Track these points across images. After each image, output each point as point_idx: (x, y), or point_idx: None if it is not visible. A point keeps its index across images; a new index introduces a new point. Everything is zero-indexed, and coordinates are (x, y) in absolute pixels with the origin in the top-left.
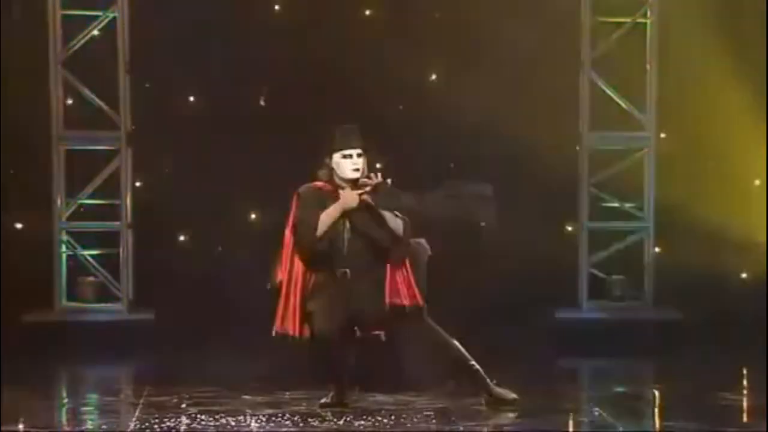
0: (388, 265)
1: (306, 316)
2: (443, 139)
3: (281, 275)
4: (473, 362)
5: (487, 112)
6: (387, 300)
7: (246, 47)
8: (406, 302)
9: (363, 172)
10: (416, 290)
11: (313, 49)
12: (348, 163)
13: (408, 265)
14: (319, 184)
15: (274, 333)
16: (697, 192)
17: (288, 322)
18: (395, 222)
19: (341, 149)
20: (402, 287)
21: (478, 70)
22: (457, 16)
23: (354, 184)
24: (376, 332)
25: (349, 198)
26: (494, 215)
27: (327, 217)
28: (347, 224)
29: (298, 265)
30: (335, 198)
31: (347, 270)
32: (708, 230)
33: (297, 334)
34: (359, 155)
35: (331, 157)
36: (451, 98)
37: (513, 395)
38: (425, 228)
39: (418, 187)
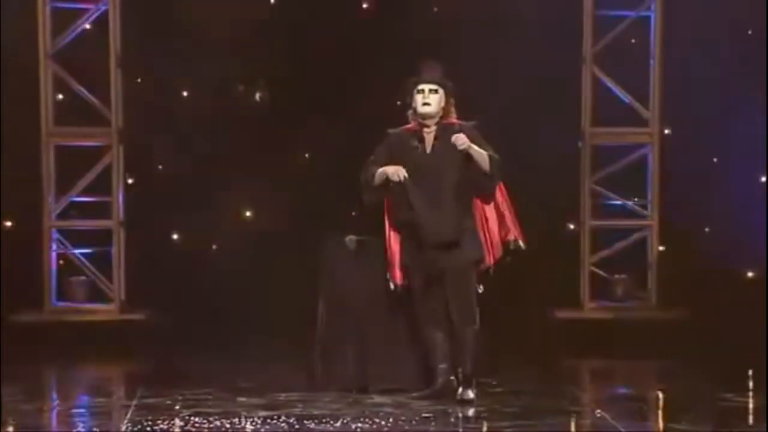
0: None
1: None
2: None
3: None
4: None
5: (488, 107)
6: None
7: (241, 41)
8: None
9: (439, 109)
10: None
11: (311, 42)
12: (419, 98)
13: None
14: (407, 126)
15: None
16: (702, 189)
17: (393, 272)
18: (483, 159)
19: (415, 85)
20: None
21: (479, 65)
22: (457, 11)
23: (431, 120)
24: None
25: (393, 173)
26: None
27: (378, 175)
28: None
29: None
30: (420, 137)
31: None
32: (713, 228)
33: (399, 283)
34: (432, 90)
35: (412, 96)
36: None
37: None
38: None
39: None
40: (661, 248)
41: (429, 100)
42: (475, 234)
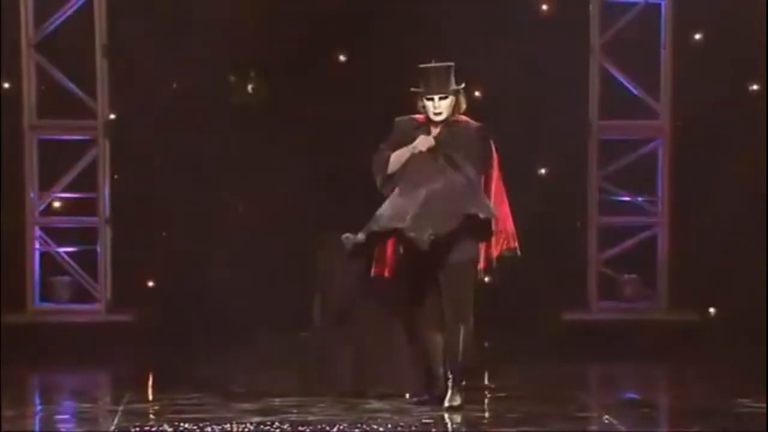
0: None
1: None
2: None
3: None
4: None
5: (493, 101)
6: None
7: (233, 29)
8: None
9: (451, 112)
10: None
11: (308, 30)
12: (430, 106)
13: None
14: (416, 116)
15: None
16: (714, 184)
17: (381, 265)
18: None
19: (424, 94)
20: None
21: (483, 56)
22: (463, 1)
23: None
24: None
25: (420, 143)
26: None
27: (396, 157)
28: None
29: None
30: (426, 131)
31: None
32: (725, 225)
33: (390, 275)
34: (441, 98)
35: (421, 97)
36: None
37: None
38: None
39: None
40: (671, 246)
41: (440, 108)
42: (473, 231)
